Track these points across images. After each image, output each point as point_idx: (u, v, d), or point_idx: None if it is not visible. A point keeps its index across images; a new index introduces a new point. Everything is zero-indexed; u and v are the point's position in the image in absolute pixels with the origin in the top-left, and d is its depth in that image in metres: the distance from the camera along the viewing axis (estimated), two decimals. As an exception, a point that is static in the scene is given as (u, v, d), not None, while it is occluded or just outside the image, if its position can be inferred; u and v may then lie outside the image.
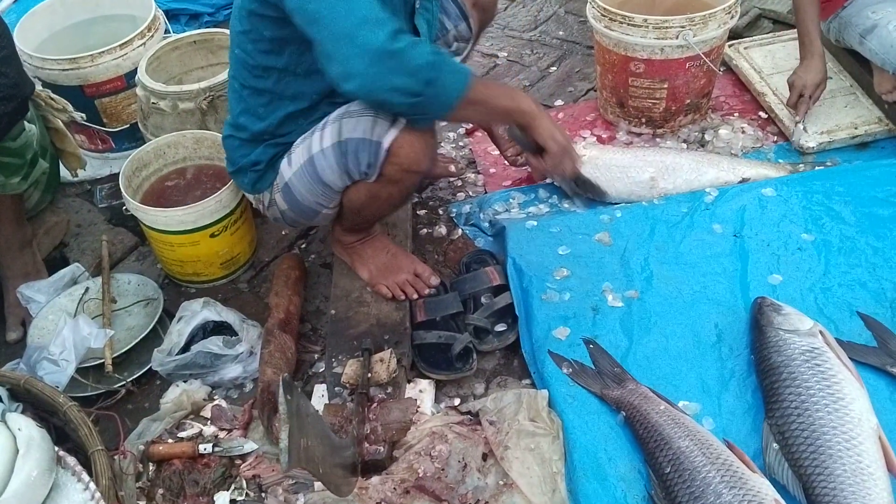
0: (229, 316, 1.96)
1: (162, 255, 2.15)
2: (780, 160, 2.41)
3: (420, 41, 1.55)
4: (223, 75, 2.24)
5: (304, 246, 2.30)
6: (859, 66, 2.55)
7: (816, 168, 2.34)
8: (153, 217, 2.03)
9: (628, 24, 2.34)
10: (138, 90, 2.30)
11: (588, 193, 2.30)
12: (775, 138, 2.49)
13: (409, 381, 1.84)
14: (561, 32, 3.17)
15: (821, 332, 1.73)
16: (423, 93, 1.52)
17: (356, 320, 1.93)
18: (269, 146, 1.84)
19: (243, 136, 1.86)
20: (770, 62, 2.70)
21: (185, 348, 1.89)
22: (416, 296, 1.99)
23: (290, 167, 1.81)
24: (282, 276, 2.05)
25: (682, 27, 2.29)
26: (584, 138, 2.58)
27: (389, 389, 1.78)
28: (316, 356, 1.97)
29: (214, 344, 1.86)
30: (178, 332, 1.90)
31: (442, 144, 2.59)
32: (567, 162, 1.77)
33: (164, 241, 2.07)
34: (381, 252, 2.04)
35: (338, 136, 1.70)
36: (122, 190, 2.06)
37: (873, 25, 2.38)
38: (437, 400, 1.83)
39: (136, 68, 2.35)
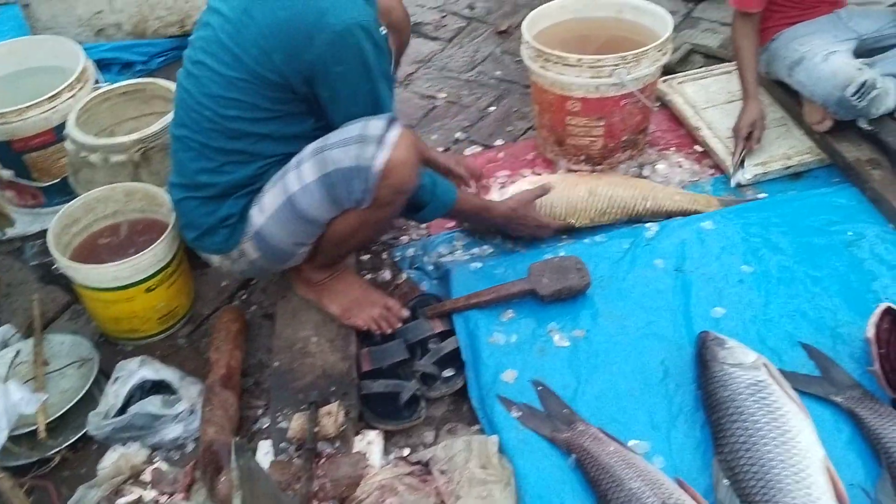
0: (168, 374, 1.90)
1: (96, 313, 2.08)
2: (718, 193, 2.44)
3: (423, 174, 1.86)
4: (156, 126, 2.20)
5: (244, 297, 2.25)
6: (790, 98, 2.62)
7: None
8: (84, 274, 1.97)
9: (563, 65, 2.36)
10: (67, 144, 2.24)
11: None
12: (712, 171, 2.53)
13: (357, 434, 1.79)
14: (498, 72, 3.19)
15: (764, 364, 1.75)
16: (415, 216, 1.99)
17: (301, 372, 1.89)
18: (239, 197, 1.82)
19: (206, 193, 1.83)
20: (703, 96, 2.76)
21: (123, 410, 1.83)
22: (389, 329, 1.98)
23: (261, 213, 1.79)
24: (222, 329, 2.00)
25: (616, 66, 2.32)
26: (525, 177, 2.59)
27: (337, 443, 1.74)
28: (260, 411, 1.92)
29: (153, 404, 1.80)
30: (115, 393, 1.84)
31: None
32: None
33: (97, 299, 2.01)
34: (353, 286, 2.03)
35: (322, 170, 1.70)
36: (51, 248, 1.99)
37: (800, 58, 2.45)
38: (386, 451, 1.79)
39: (66, 121, 2.29)
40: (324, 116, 1.78)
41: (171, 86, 2.37)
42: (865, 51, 2.54)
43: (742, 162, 2.46)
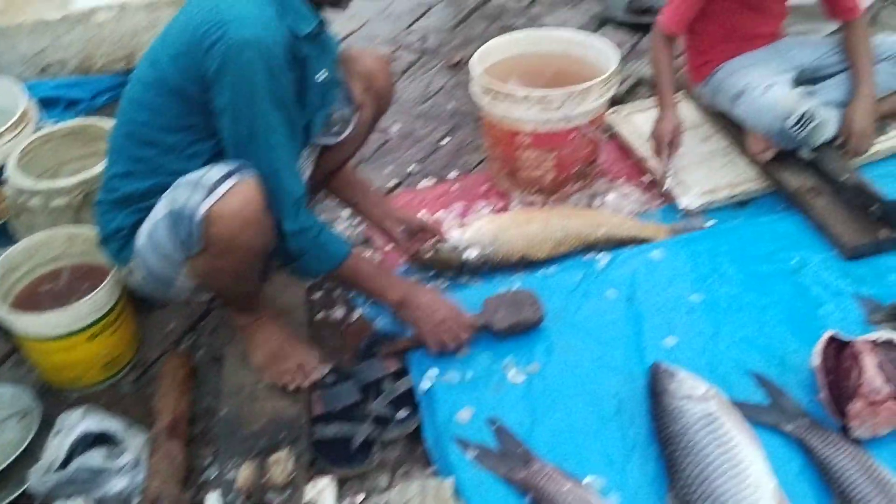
0: (112, 424, 1.85)
1: (37, 361, 2.02)
2: (667, 222, 2.46)
3: (307, 220, 1.80)
4: (99, 167, 2.16)
5: (192, 340, 2.20)
6: (733, 128, 2.66)
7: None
8: (24, 323, 1.91)
9: (511, 100, 2.38)
10: (6, 188, 2.19)
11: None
12: (660, 200, 2.56)
13: (308, 481, 1.75)
14: (451, 105, 3.20)
15: (715, 395, 1.76)
16: (291, 265, 1.86)
17: (249, 418, 1.85)
18: (132, 212, 1.80)
19: (112, 197, 1.82)
20: (650, 127, 2.78)
21: (66, 463, 1.76)
22: (306, 384, 1.92)
23: (141, 234, 1.78)
24: (168, 375, 1.95)
25: (564, 100, 2.34)
26: (479, 210, 2.59)
27: (288, 492, 1.69)
28: (208, 460, 1.86)
29: (96, 457, 1.74)
30: (57, 446, 1.77)
31: (335, 224, 2.55)
32: (448, 341, 1.98)
33: (38, 348, 1.95)
34: (272, 338, 1.97)
35: (169, 206, 1.68)
36: (-10, 297, 1.94)
37: (742, 90, 2.50)
38: (339, 498, 1.75)
39: (5, 164, 2.24)
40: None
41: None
42: (805, 80, 2.61)
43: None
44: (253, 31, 1.62)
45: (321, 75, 1.87)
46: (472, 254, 2.28)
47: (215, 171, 1.67)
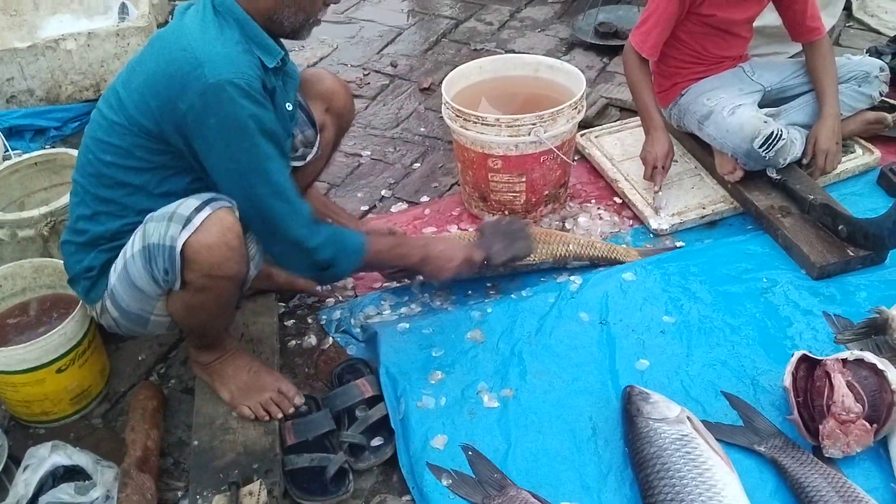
0: (82, 458, 1.82)
1: (5, 396, 1.98)
2: (638, 243, 2.48)
3: (323, 230, 1.83)
4: (66, 198, 2.14)
5: (162, 371, 2.17)
6: (702, 149, 2.70)
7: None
8: (-9, 357, 1.88)
9: (482, 124, 2.39)
10: (-26, 220, 2.16)
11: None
12: (631, 222, 2.58)
13: (282, 512, 1.74)
14: (422, 129, 3.21)
15: (688, 417, 1.76)
16: (324, 275, 1.88)
17: (221, 450, 1.82)
18: (102, 251, 1.78)
19: (80, 239, 1.80)
20: (620, 149, 2.82)
21: (35, 498, 1.73)
22: (279, 415, 1.90)
23: (114, 272, 1.75)
24: (138, 407, 1.92)
25: (533, 124, 2.36)
26: (450, 232, 2.60)
27: (261, 524, 1.68)
28: (180, 493, 1.84)
29: (65, 492, 1.71)
30: (25, 482, 1.74)
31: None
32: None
33: (5, 382, 1.91)
34: (242, 370, 1.95)
35: (143, 241, 1.66)
36: (-45, 331, 1.90)
37: (709, 112, 2.53)
38: (314, 528, 1.74)
39: (-28, 196, 2.22)
40: (201, 176, 1.76)
41: (83, 155, 2.32)
42: (770, 101, 2.65)
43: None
44: (228, 68, 1.62)
45: (290, 104, 1.88)
46: None
47: (189, 203, 1.66)
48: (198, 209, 1.64)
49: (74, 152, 2.38)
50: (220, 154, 1.67)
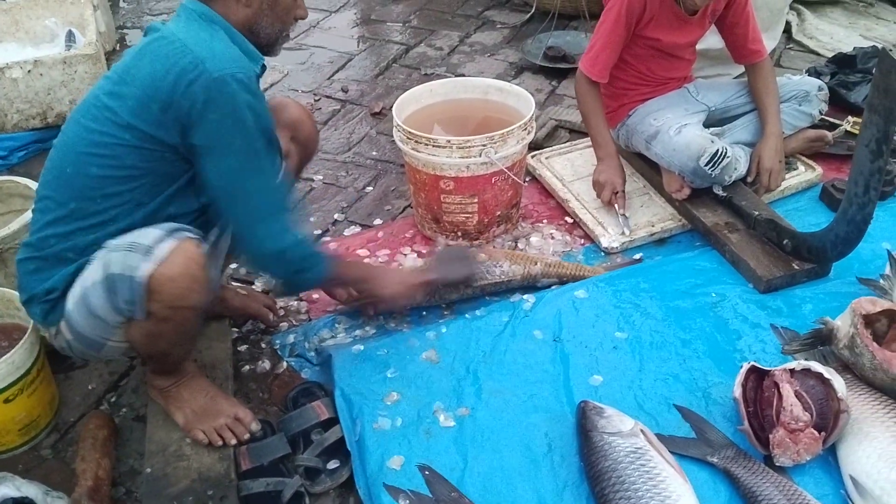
0: (31, 490, 1.76)
1: (-51, 428, 1.93)
2: (590, 262, 2.51)
3: (302, 234, 1.88)
4: (15, 225, 2.12)
5: (113, 399, 2.13)
6: (650, 168, 2.75)
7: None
8: (-66, 389, 1.83)
9: (433, 146, 2.41)
10: (-83, 249, 2.11)
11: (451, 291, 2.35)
12: (582, 241, 2.62)
13: (237, 538, 1.71)
14: (374, 153, 3.22)
15: (642, 430, 1.79)
16: (292, 279, 1.91)
17: (175, 477, 1.79)
18: (67, 273, 1.73)
19: (43, 253, 1.76)
20: (570, 170, 2.86)
21: (-20, 534, 1.69)
22: (234, 441, 1.88)
23: (72, 298, 1.71)
24: (88, 437, 1.88)
25: (484, 146, 2.39)
26: (405, 255, 2.60)
27: (216, 551, 1.65)
28: (132, 523, 1.81)
29: (13, 525, 1.67)
30: (-31, 517, 1.69)
31: (261, 275, 2.52)
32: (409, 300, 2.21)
33: (-51, 414, 1.86)
34: (198, 395, 1.93)
35: (104, 271, 1.64)
36: None
37: (656, 132, 2.59)
38: (270, 553, 1.72)
39: (-85, 225, 2.16)
40: (190, 179, 1.76)
41: (31, 183, 2.28)
42: (715, 121, 2.72)
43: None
44: (230, 63, 1.66)
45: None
46: None
47: (150, 234, 1.65)
48: (160, 240, 1.63)
49: (21, 180, 2.36)
50: (218, 148, 1.69)
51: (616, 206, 2.59)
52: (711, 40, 2.83)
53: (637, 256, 2.52)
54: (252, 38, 1.81)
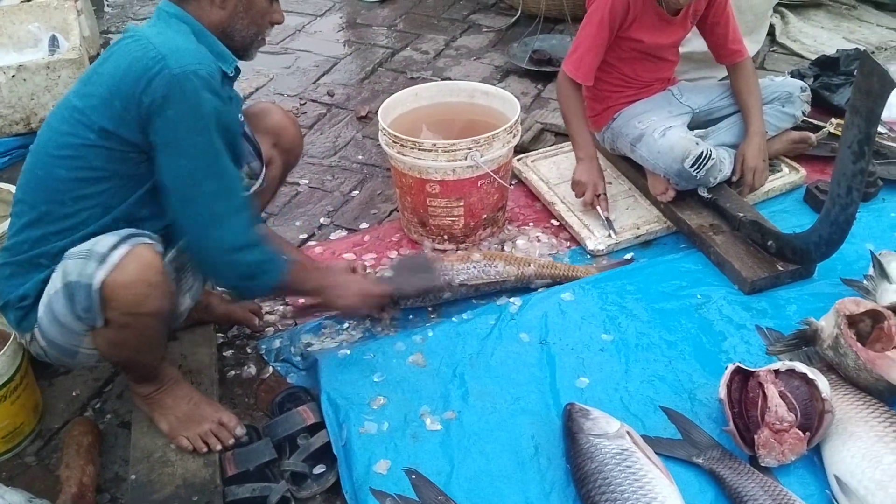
0: (14, 497, 1.75)
1: (-69, 436, 1.91)
2: (576, 264, 2.52)
3: (257, 240, 1.81)
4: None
5: (98, 406, 2.12)
6: (635, 171, 2.76)
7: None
8: (-85, 397, 1.81)
9: (419, 150, 2.41)
10: None
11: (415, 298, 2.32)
12: (568, 244, 2.62)
13: (223, 544, 1.71)
14: (360, 157, 3.22)
15: (628, 432, 1.79)
16: (240, 286, 1.86)
17: (160, 483, 1.78)
18: (40, 280, 1.72)
19: (18, 258, 1.75)
20: (556, 172, 2.87)
21: (-38, 543, 1.67)
22: (219, 447, 1.87)
23: (42, 305, 1.71)
24: (72, 443, 1.87)
25: (470, 149, 2.39)
26: (392, 259, 2.60)
27: (201, 557, 1.64)
28: (117, 530, 1.80)
29: (-4, 534, 1.65)
30: (-48, 525, 1.68)
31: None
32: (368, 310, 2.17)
33: (-69, 422, 1.85)
34: (182, 401, 1.92)
35: (63, 279, 1.63)
36: None
37: (641, 134, 2.59)
38: (255, 560, 1.71)
39: None
40: (157, 189, 1.74)
41: (13, 189, 2.26)
42: (699, 123, 2.74)
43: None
44: (192, 59, 1.65)
45: (241, 116, 1.90)
46: None
47: (106, 241, 1.63)
48: (114, 246, 1.61)
49: (6, 186, 2.34)
50: (174, 146, 1.66)
51: (598, 208, 2.59)
52: (695, 43, 2.85)
53: (628, 256, 2.53)
54: (226, 41, 1.81)
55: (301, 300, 2.29)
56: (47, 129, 1.77)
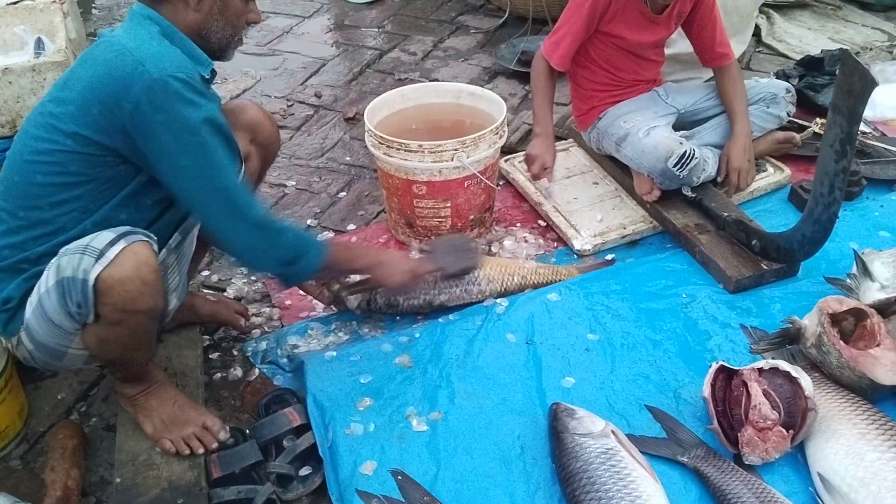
0: (0, 501, 1.75)
1: (-86, 441, 1.90)
2: (563, 264, 2.53)
3: (283, 222, 1.85)
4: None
5: (83, 409, 2.11)
6: (621, 171, 2.77)
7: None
8: None
9: (405, 151, 2.42)
10: None
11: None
12: (555, 244, 2.63)
13: (208, 547, 1.70)
14: (348, 158, 3.22)
15: (613, 431, 1.80)
16: (288, 271, 1.86)
17: (145, 486, 1.78)
18: (23, 280, 1.72)
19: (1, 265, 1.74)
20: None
21: (-54, 548, 1.67)
22: (201, 450, 1.86)
23: (30, 306, 1.70)
24: (57, 447, 1.87)
25: (456, 150, 2.39)
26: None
27: (186, 560, 1.64)
28: (102, 533, 1.79)
29: (-20, 538, 1.65)
30: (-64, 529, 1.67)
31: (232, 281, 2.51)
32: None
33: (-86, 427, 1.84)
34: (166, 403, 1.91)
35: (56, 276, 1.63)
36: None
37: (626, 134, 2.61)
38: (242, 561, 1.71)
39: None
40: (138, 188, 1.75)
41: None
42: (685, 124, 2.75)
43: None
44: (170, 63, 1.64)
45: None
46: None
47: (103, 237, 1.63)
48: (112, 242, 1.62)
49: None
50: (172, 152, 1.66)
51: (545, 180, 2.65)
52: (681, 45, 2.86)
53: (609, 257, 2.54)
54: (202, 44, 1.80)
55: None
56: (23, 135, 1.76)
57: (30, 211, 1.72)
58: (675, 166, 2.46)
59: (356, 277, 2.22)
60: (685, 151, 2.46)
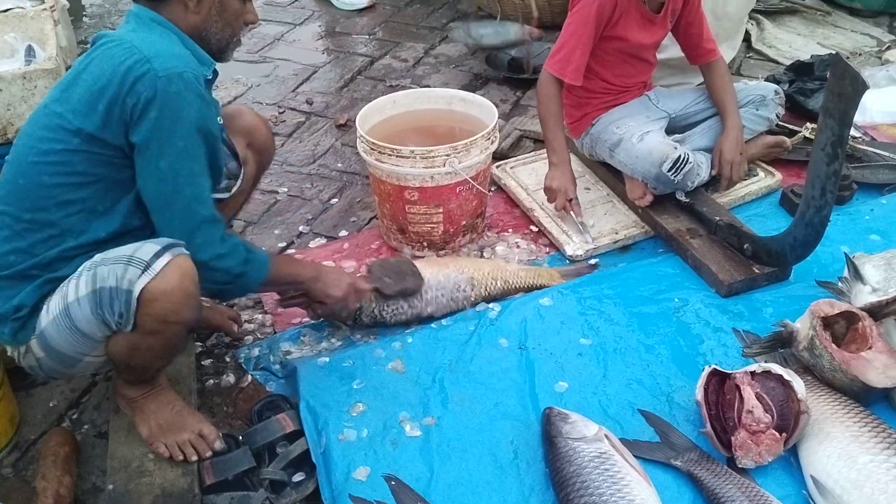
0: (-11, 510, 1.75)
1: None
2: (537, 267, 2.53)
3: (234, 240, 1.84)
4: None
5: (75, 416, 2.10)
6: (613, 176, 2.77)
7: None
8: None
9: (397, 156, 2.42)
10: None
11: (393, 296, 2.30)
12: (547, 249, 2.64)
13: (201, 554, 1.70)
14: (339, 164, 3.22)
15: (606, 435, 1.80)
16: (231, 284, 1.85)
17: (138, 493, 1.77)
18: (36, 286, 1.71)
19: (7, 273, 1.73)
20: (535, 179, 2.87)
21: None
22: (195, 458, 1.86)
23: (47, 314, 1.70)
24: (49, 454, 1.86)
25: (447, 155, 2.40)
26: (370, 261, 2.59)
27: (179, 567, 1.63)
28: (94, 541, 1.78)
29: (-30, 547, 1.64)
30: (-75, 539, 1.66)
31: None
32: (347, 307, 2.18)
33: None
34: (165, 407, 1.91)
35: (93, 285, 1.63)
36: None
37: (619, 140, 2.61)
38: (235, 568, 1.70)
39: None
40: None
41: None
42: (677, 127, 2.76)
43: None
44: (177, 62, 1.67)
45: (220, 119, 1.90)
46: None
47: (148, 248, 1.65)
48: (157, 254, 1.63)
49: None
50: (155, 147, 1.67)
51: (572, 213, 2.60)
52: (671, 50, 2.88)
53: (593, 262, 2.54)
54: (202, 45, 1.82)
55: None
56: (26, 137, 1.77)
57: (36, 213, 1.72)
58: (669, 171, 2.46)
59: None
60: (679, 156, 2.46)
